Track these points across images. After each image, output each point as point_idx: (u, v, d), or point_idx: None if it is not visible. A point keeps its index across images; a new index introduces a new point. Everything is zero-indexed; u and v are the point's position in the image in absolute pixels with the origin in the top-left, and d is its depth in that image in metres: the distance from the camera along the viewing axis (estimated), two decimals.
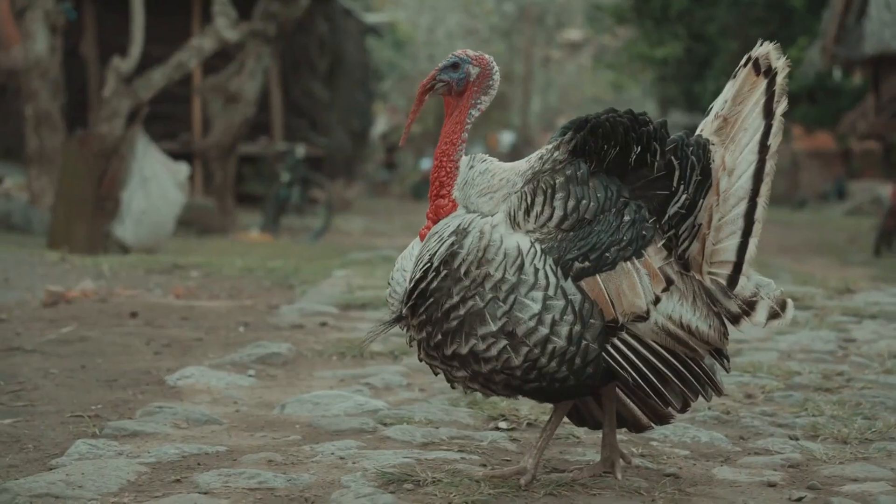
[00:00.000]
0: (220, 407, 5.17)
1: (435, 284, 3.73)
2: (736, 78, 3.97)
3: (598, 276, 3.71)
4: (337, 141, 29.65)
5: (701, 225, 3.85)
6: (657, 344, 3.77)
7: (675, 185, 3.82)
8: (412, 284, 3.78)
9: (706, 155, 3.86)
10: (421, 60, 49.01)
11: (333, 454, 4.32)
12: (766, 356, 6.41)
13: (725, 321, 3.90)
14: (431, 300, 3.74)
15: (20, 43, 19.46)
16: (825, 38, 25.56)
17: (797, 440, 4.64)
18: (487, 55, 3.96)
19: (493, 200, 3.81)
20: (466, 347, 3.71)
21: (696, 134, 3.95)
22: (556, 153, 3.86)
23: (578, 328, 3.67)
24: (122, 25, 21.00)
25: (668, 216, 3.82)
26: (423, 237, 3.87)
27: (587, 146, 3.82)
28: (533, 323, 3.65)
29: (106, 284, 9.21)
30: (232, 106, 21.19)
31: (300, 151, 22.81)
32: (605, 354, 3.72)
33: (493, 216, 3.78)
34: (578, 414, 4.21)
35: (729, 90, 3.97)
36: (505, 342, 3.67)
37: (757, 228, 3.89)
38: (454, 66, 3.92)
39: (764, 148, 3.88)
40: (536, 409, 4.98)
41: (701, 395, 3.91)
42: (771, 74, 3.91)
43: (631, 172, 3.84)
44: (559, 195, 3.76)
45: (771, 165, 3.90)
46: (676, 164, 3.82)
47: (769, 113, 3.90)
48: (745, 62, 3.96)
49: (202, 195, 24.08)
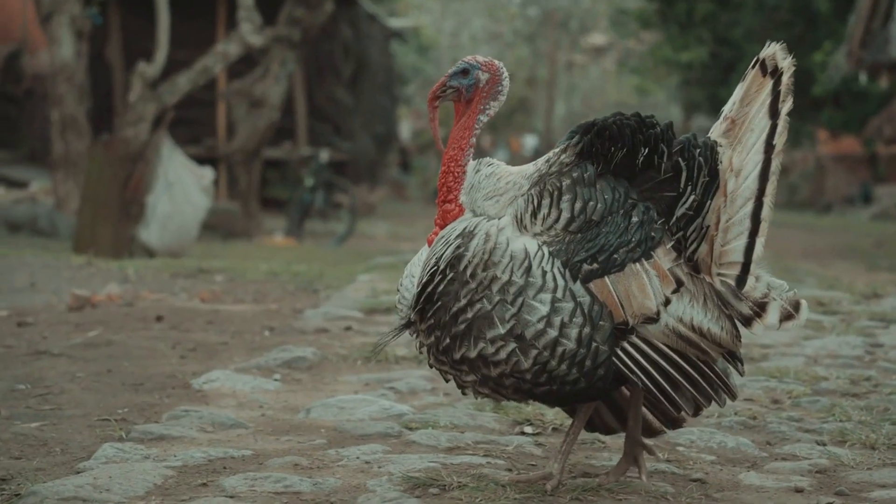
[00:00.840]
0: (245, 411, 5.18)
1: (442, 288, 3.73)
2: (744, 80, 3.96)
3: (606, 277, 3.70)
4: (361, 145, 29.67)
5: (709, 226, 3.84)
6: (668, 347, 3.76)
7: (682, 186, 3.82)
8: (419, 288, 3.78)
9: (714, 156, 3.86)
10: (445, 65, 48.98)
11: (359, 458, 4.32)
12: (792, 361, 6.39)
13: (737, 324, 3.88)
14: (439, 304, 3.74)
15: (46, 48, 19.57)
16: (851, 42, 25.42)
17: (824, 446, 4.62)
18: (497, 61, 3.96)
19: (499, 204, 3.81)
20: (475, 351, 3.71)
21: (705, 136, 3.95)
22: (562, 156, 3.86)
23: (588, 330, 3.66)
24: (147, 30, 21.09)
25: (676, 218, 3.81)
26: (430, 243, 3.88)
27: (594, 148, 3.82)
28: (542, 325, 3.64)
29: (131, 288, 9.24)
30: (256, 111, 21.24)
31: (324, 156, 22.84)
32: (614, 358, 3.71)
33: (499, 219, 3.78)
34: (589, 420, 4.18)
35: (737, 92, 3.97)
36: (514, 345, 3.66)
37: (763, 228, 3.87)
38: (464, 72, 3.92)
39: (770, 147, 3.87)
40: (561, 413, 4.96)
41: (714, 400, 3.88)
42: (777, 75, 3.91)
43: (638, 174, 3.84)
44: (566, 197, 3.76)
45: (776, 164, 3.88)
46: (684, 165, 3.82)
47: (775, 112, 3.89)
48: (753, 64, 3.96)
49: (227, 199, 24.15)
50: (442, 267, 3.73)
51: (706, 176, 3.83)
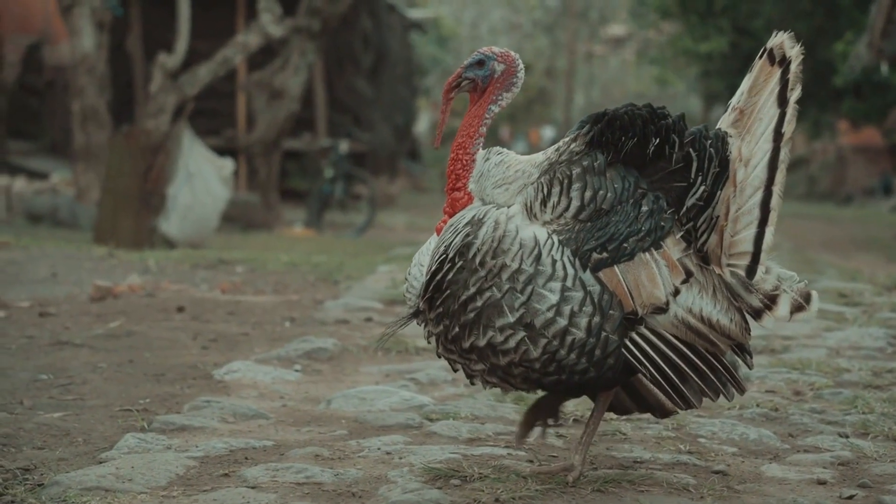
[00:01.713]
0: (266, 401, 5.19)
1: (451, 276, 3.72)
2: (752, 71, 3.94)
3: (616, 267, 3.69)
4: (380, 137, 29.66)
5: (719, 217, 3.83)
6: (677, 338, 3.74)
7: (693, 176, 3.80)
8: (428, 277, 3.78)
9: (724, 147, 3.85)
10: (464, 56, 48.93)
11: (380, 449, 4.32)
12: (814, 353, 6.36)
13: (747, 316, 3.86)
14: (448, 292, 3.73)
15: (67, 39, 19.62)
16: (872, 32, 25.26)
17: (847, 438, 4.60)
18: (513, 52, 3.95)
19: (508, 192, 3.80)
20: (484, 340, 3.70)
21: (716, 128, 3.93)
22: (572, 145, 3.85)
23: (598, 319, 3.64)
24: (167, 21, 21.12)
25: (686, 208, 3.80)
26: (439, 231, 3.87)
27: (604, 138, 3.81)
28: (551, 314, 3.63)
29: (152, 279, 9.27)
30: (276, 102, 21.25)
31: (344, 147, 22.83)
32: (623, 349, 3.69)
33: (508, 207, 3.76)
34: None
35: (745, 83, 3.95)
36: (523, 334, 3.65)
37: (773, 217, 3.85)
38: (479, 63, 3.92)
39: (778, 136, 3.86)
40: (582, 405, 4.96)
41: (722, 393, 3.87)
42: (785, 63, 3.89)
43: (649, 164, 3.82)
44: (576, 186, 3.75)
45: (785, 153, 3.87)
46: (694, 155, 3.80)
47: (783, 101, 3.87)
48: (760, 54, 3.93)
49: (246, 191, 24.19)
50: (451, 255, 3.72)
51: (717, 166, 3.82)
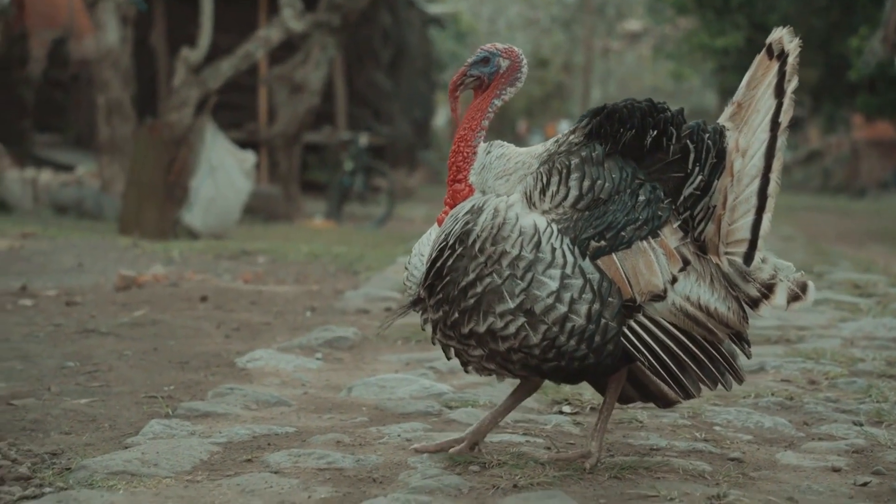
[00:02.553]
0: (288, 389, 5.20)
1: (451, 263, 3.73)
2: (752, 66, 3.94)
3: (614, 254, 3.70)
4: (399, 130, 29.67)
5: (715, 206, 3.83)
6: (674, 326, 3.74)
7: (690, 167, 3.81)
8: (429, 265, 3.79)
9: (721, 139, 3.85)
10: None
11: (400, 436, 4.33)
12: (829, 343, 6.35)
13: (745, 305, 3.85)
14: (448, 279, 3.74)
15: (92, 34, 19.67)
16: (887, 27, 25.14)
17: (861, 426, 4.59)
18: (517, 48, 3.96)
19: (509, 182, 3.82)
20: (484, 326, 3.70)
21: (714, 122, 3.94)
22: (571, 136, 3.88)
23: (597, 306, 3.65)
24: (190, 16, 21.15)
25: (683, 198, 3.81)
26: (440, 223, 3.87)
27: (602, 129, 3.82)
28: (551, 300, 3.64)
29: (176, 269, 9.30)
30: (297, 96, 21.26)
31: (363, 140, 22.85)
32: (622, 337, 3.70)
33: (508, 196, 3.77)
34: (606, 387, 4.10)
35: (745, 78, 3.95)
36: (523, 320, 3.66)
37: (770, 204, 3.85)
38: (484, 60, 3.94)
39: (776, 125, 3.86)
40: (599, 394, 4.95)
41: (720, 382, 3.86)
42: (783, 57, 3.89)
43: (647, 156, 3.83)
44: (574, 175, 3.76)
45: (782, 141, 3.87)
46: (692, 147, 3.81)
47: (781, 92, 3.87)
48: (761, 49, 3.94)
49: (268, 183, 24.21)
50: (451, 242, 3.74)
51: (714, 157, 3.83)
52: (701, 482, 3.77)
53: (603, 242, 3.69)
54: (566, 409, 4.87)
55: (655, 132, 3.81)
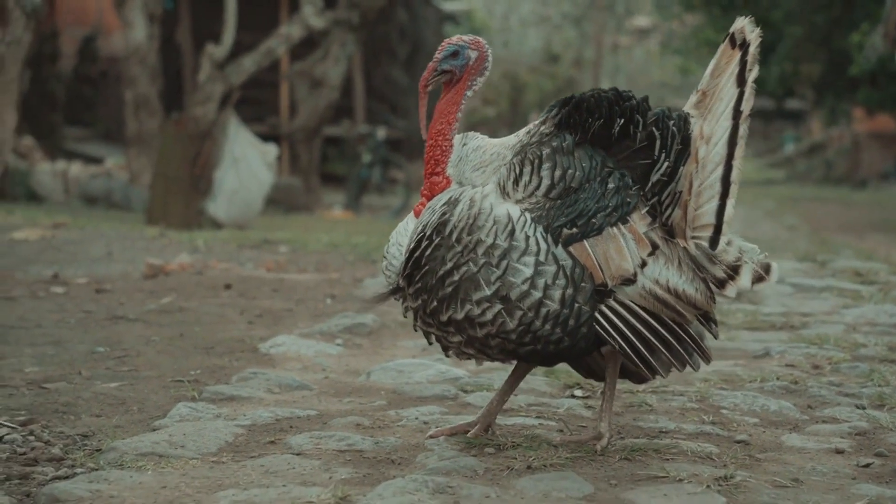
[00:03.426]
0: (310, 373, 5.20)
1: (429, 252, 3.72)
2: (715, 55, 3.90)
3: (585, 241, 3.69)
4: (416, 124, 29.64)
5: (682, 192, 3.80)
6: (644, 310, 3.73)
7: (657, 153, 3.79)
8: (407, 255, 3.78)
9: (686, 125, 3.83)
10: (496, 47, 48.81)
11: (417, 419, 4.32)
12: (832, 329, 6.32)
13: (712, 286, 3.83)
14: (426, 268, 3.73)
15: (120, 31, 19.69)
16: (887, 23, 25.00)
17: (864, 409, 4.56)
18: (482, 38, 3.94)
19: (485, 174, 3.81)
20: (462, 313, 3.70)
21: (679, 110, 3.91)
22: (542, 127, 3.86)
23: (571, 291, 3.65)
24: (214, 14, 21.15)
25: (651, 184, 3.79)
26: (417, 214, 3.86)
27: (572, 119, 3.81)
28: (526, 287, 3.63)
29: (201, 258, 9.31)
30: (317, 91, 21.28)
31: (381, 134, 22.87)
32: (594, 321, 3.69)
33: (483, 187, 3.76)
34: (586, 365, 4.11)
35: (709, 66, 3.91)
36: (500, 306, 3.65)
37: (733, 190, 3.83)
38: (454, 54, 3.90)
39: (738, 113, 3.83)
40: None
41: (688, 363, 3.84)
42: (745, 46, 3.85)
43: (615, 144, 3.82)
44: (546, 165, 3.75)
45: (744, 129, 3.84)
46: (658, 134, 3.79)
47: (742, 81, 3.84)
48: (724, 38, 3.90)
49: (289, 175, 24.25)
50: (429, 233, 3.73)
51: (679, 143, 3.80)
52: (709, 463, 3.76)
53: (574, 230, 3.69)
54: (578, 392, 4.86)
55: (622, 120, 3.79)
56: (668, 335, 3.77)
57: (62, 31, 25.85)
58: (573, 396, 4.81)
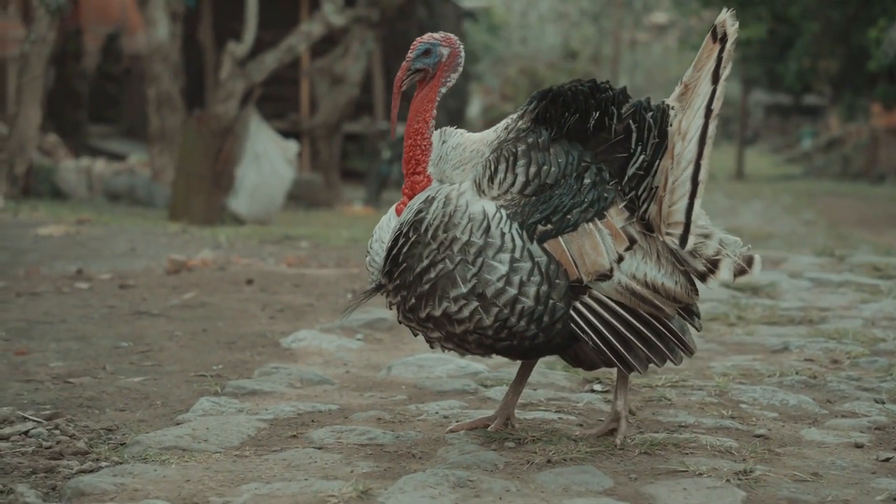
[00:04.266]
0: (331, 368, 5.20)
1: (406, 250, 3.71)
2: (701, 46, 3.86)
3: (560, 237, 3.67)
4: (435, 120, 29.65)
5: (658, 187, 3.77)
6: (620, 305, 3.71)
7: (633, 146, 3.75)
8: (386, 252, 3.77)
9: (664, 118, 3.78)
10: (514, 43, 48.78)
11: (438, 413, 4.32)
12: (850, 323, 6.28)
13: (694, 279, 3.80)
14: (404, 265, 3.72)
15: (143, 29, 19.75)
16: None
17: (883, 403, 4.53)
18: (453, 35, 3.91)
19: (464, 172, 3.79)
20: (439, 310, 3.69)
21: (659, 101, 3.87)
22: (520, 122, 3.84)
23: (545, 288, 3.63)
24: (236, 12, 21.20)
25: (627, 177, 3.76)
26: (399, 212, 3.84)
27: (548, 114, 3.78)
28: (501, 284, 3.62)
29: (223, 254, 9.32)
30: (337, 87, 21.30)
31: (401, 130, 22.85)
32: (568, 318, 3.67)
33: (460, 184, 3.75)
34: (576, 356, 4.07)
35: (695, 58, 3.86)
36: (476, 303, 3.64)
37: (700, 190, 3.77)
38: (426, 52, 3.87)
39: (709, 112, 3.78)
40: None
41: (669, 358, 3.81)
42: (724, 41, 3.79)
43: (592, 137, 3.78)
44: (521, 162, 3.73)
45: (713, 128, 3.78)
46: (634, 126, 3.76)
47: (716, 78, 3.79)
48: (709, 30, 3.86)
49: (309, 171, 24.29)
50: (405, 230, 3.72)
51: (656, 136, 3.76)
52: (728, 458, 3.74)
53: (549, 226, 3.67)
54: (597, 387, 4.84)
55: (598, 113, 3.76)
56: (645, 330, 3.75)
57: (86, 29, 25.94)
58: (592, 391, 4.80)
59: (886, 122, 39.55)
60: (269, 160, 16.91)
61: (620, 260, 3.71)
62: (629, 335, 3.73)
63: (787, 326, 6.29)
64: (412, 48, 3.88)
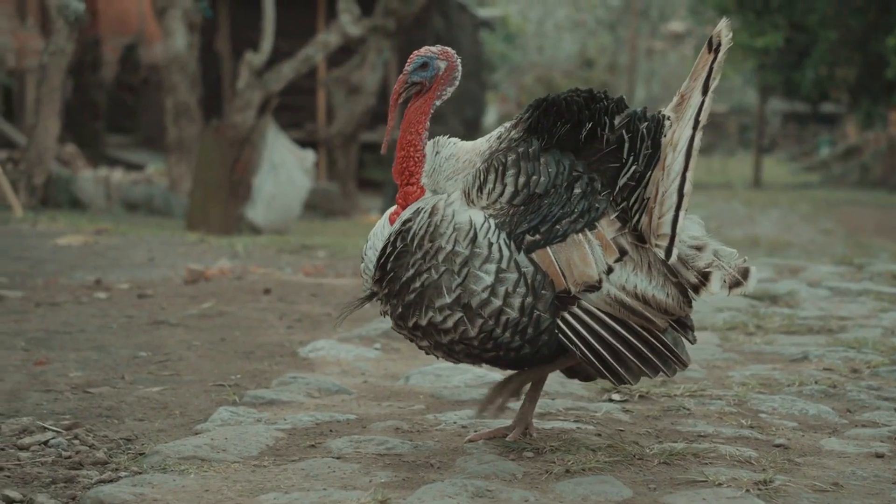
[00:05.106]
0: (349, 378, 5.20)
1: (393, 259, 3.71)
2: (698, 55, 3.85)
3: (548, 248, 3.65)
4: (451, 129, 29.66)
5: (649, 199, 3.73)
6: (610, 317, 3.68)
7: (625, 157, 3.73)
8: (377, 261, 3.77)
9: (658, 129, 3.75)
10: (531, 52, 48.78)
11: (456, 423, 4.32)
12: (870, 332, 6.25)
13: (689, 291, 3.76)
14: (392, 274, 3.73)
15: (161, 40, 19.83)
16: None
17: None
18: (450, 48, 3.90)
19: (457, 182, 3.78)
20: (425, 319, 3.69)
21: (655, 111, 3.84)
22: (512, 132, 3.82)
23: (531, 300, 3.62)
24: (253, 22, 21.27)
25: (619, 188, 3.73)
26: (392, 221, 3.83)
27: (540, 124, 3.77)
28: (486, 295, 3.61)
29: (241, 263, 9.34)
30: (354, 97, 21.34)
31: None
32: (556, 329, 3.66)
33: (449, 194, 3.74)
34: (570, 367, 4.04)
35: (692, 67, 3.84)
36: (460, 314, 3.64)
37: (685, 202, 3.72)
38: (424, 65, 3.85)
39: (696, 123, 3.74)
40: (648, 381, 4.91)
41: (662, 370, 3.78)
42: (718, 52, 3.75)
43: (584, 147, 3.76)
44: (510, 172, 3.71)
45: (698, 140, 3.74)
46: (627, 137, 3.73)
47: (706, 89, 3.74)
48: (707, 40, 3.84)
49: (326, 180, 24.33)
50: (392, 239, 3.72)
51: (648, 147, 3.73)
52: (748, 468, 3.73)
53: (538, 236, 3.65)
54: (615, 397, 4.83)
55: (591, 124, 3.74)
56: (636, 342, 3.72)
57: (104, 39, 26.06)
58: (611, 401, 4.78)
59: None
60: (286, 170, 16.95)
61: (610, 271, 3.68)
62: (619, 347, 3.70)
63: (806, 335, 6.27)
64: (409, 61, 3.87)
